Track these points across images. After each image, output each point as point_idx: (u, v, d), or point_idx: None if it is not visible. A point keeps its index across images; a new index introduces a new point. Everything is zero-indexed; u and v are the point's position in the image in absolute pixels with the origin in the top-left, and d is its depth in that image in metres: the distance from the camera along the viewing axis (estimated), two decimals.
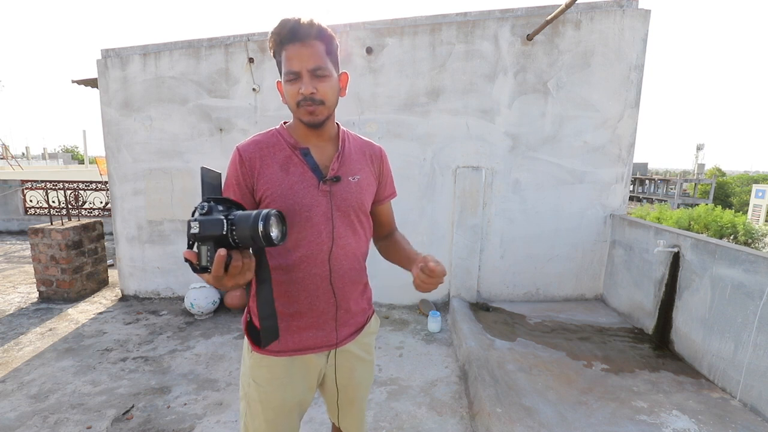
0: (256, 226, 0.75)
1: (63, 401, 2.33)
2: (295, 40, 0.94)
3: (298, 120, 1.03)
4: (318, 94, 0.96)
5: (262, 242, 0.76)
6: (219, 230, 0.75)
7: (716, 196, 43.97)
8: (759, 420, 1.93)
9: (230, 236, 0.76)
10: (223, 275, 0.77)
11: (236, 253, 0.78)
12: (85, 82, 4.41)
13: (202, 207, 0.78)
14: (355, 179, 1.08)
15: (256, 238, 0.75)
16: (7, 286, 4.35)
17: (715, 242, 2.37)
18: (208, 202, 0.79)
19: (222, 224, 0.75)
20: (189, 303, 3.51)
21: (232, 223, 0.76)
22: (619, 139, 3.44)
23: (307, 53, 0.94)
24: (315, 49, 0.95)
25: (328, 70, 0.97)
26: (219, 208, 0.79)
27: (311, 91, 0.95)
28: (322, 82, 0.96)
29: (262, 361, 1.09)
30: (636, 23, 3.27)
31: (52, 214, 4.62)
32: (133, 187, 3.91)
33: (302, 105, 0.97)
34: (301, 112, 0.98)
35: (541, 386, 2.24)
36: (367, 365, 1.22)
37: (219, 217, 0.76)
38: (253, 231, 0.75)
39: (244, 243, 0.77)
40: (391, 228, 1.29)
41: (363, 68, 3.52)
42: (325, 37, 0.96)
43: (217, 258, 0.74)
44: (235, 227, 0.76)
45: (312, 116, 0.99)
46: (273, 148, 1.04)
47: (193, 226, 0.75)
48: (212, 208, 0.78)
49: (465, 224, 3.60)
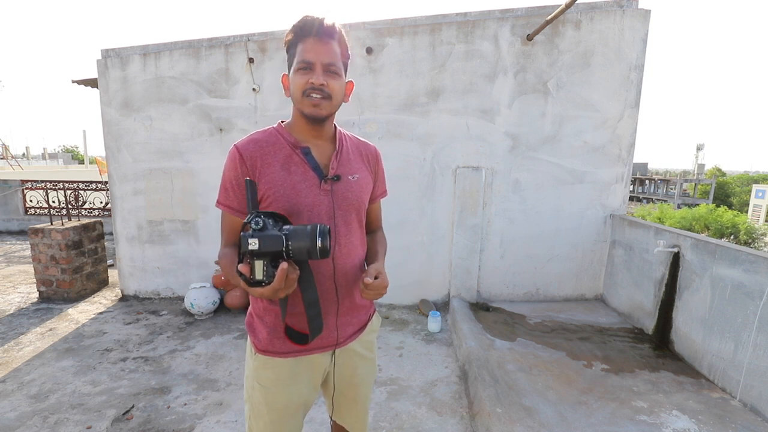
0: (315, 241, 0.79)
1: (63, 401, 2.33)
2: (315, 34, 0.96)
3: (300, 114, 1.03)
4: (328, 88, 0.98)
5: (317, 255, 0.80)
6: (279, 247, 0.79)
7: (716, 196, 43.96)
8: (759, 420, 1.93)
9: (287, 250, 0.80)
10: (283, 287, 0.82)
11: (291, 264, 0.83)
12: (85, 82, 4.41)
13: (256, 222, 0.81)
14: (354, 178, 1.09)
15: (312, 252, 0.80)
16: (7, 286, 4.35)
17: (715, 242, 2.37)
18: (260, 217, 0.82)
19: (282, 241, 0.79)
20: (189, 303, 3.51)
21: (287, 237, 0.80)
22: (619, 139, 3.44)
23: (324, 49, 0.97)
24: (331, 47, 0.98)
25: (339, 69, 1.00)
26: (270, 223, 0.83)
27: (322, 82, 0.96)
28: (332, 79, 0.98)
29: (267, 362, 1.08)
30: (636, 23, 3.27)
31: (52, 214, 4.62)
32: (133, 187, 3.91)
33: (308, 95, 0.97)
34: (306, 103, 0.98)
35: (541, 386, 2.24)
36: (369, 363, 1.23)
37: (278, 234, 0.79)
38: (311, 245, 0.79)
39: (299, 256, 0.81)
40: (377, 225, 1.29)
41: (363, 68, 3.52)
42: (342, 42, 1.01)
43: (280, 272, 0.79)
44: (290, 242, 0.80)
45: (316, 108, 0.99)
46: (273, 146, 1.03)
47: (251, 243, 0.78)
48: (267, 224, 0.81)
49: (465, 224, 3.60)
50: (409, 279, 3.74)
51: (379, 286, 0.99)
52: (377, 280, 1.00)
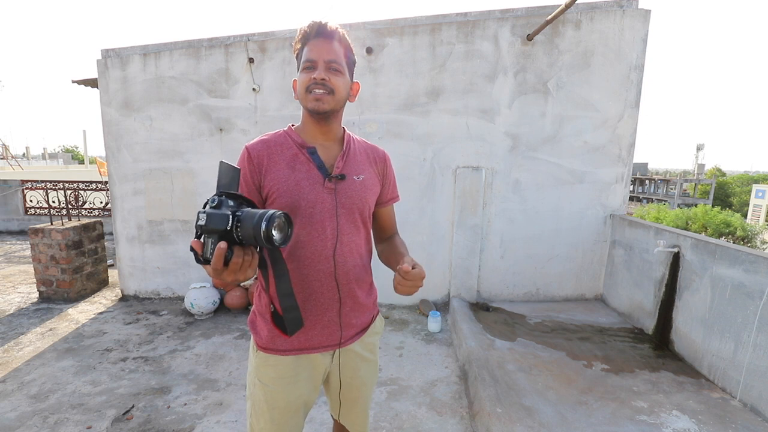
0: (259, 226, 0.75)
1: (63, 401, 2.33)
2: (319, 35, 1.01)
3: (306, 112, 1.06)
4: (329, 82, 1.01)
5: (264, 243, 0.76)
6: (224, 225, 0.76)
7: (716, 196, 43.94)
8: (759, 420, 1.93)
9: (235, 233, 0.77)
10: (223, 269, 0.78)
11: (239, 249, 0.78)
12: (85, 82, 4.41)
13: (212, 200, 0.80)
14: (359, 178, 1.10)
15: (258, 238, 0.76)
16: (7, 286, 4.35)
17: (715, 242, 2.37)
18: (220, 196, 0.80)
19: (227, 219, 0.76)
20: (189, 303, 3.51)
21: (238, 219, 0.77)
22: (619, 139, 3.44)
23: (327, 47, 1.01)
24: (334, 46, 1.02)
25: (342, 67, 1.03)
26: (229, 203, 0.80)
27: (323, 76, 0.99)
28: (334, 75, 1.02)
29: (269, 360, 1.09)
30: (636, 23, 3.27)
31: (52, 214, 4.62)
32: (133, 187, 3.91)
33: (311, 90, 1.00)
34: (309, 98, 1.01)
35: (541, 386, 2.24)
36: (371, 365, 1.23)
37: (226, 212, 0.77)
38: (255, 230, 0.75)
39: (248, 241, 0.78)
40: (392, 231, 1.30)
41: (363, 68, 3.52)
42: (345, 43, 1.05)
43: (216, 251, 0.75)
44: (240, 224, 0.77)
45: (318, 103, 1.01)
46: (281, 146, 1.07)
47: (201, 218, 0.77)
48: (222, 203, 0.79)
49: (465, 224, 3.60)
50: None
51: (417, 276, 0.95)
52: (415, 269, 0.95)
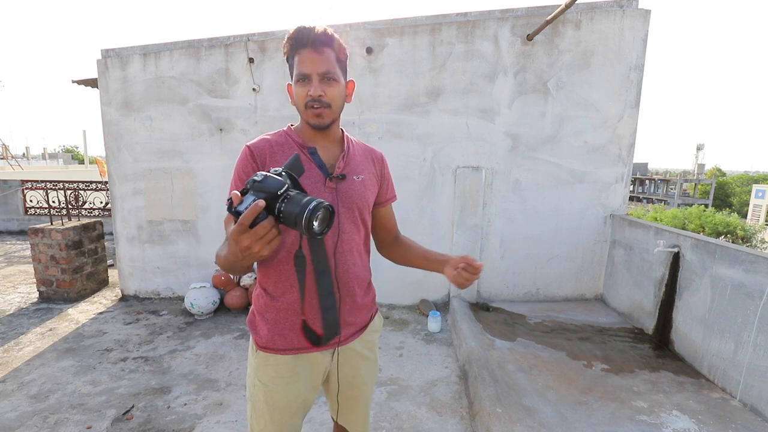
0: (304, 210, 0.74)
1: (63, 401, 2.33)
2: (308, 45, 0.99)
3: (305, 122, 1.07)
4: (326, 97, 1.01)
5: (302, 227, 0.75)
6: (276, 189, 0.76)
7: (716, 196, 43.94)
8: (759, 420, 1.93)
9: (280, 204, 0.77)
10: (246, 230, 0.74)
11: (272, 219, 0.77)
12: (85, 82, 4.41)
13: (275, 170, 0.81)
14: (359, 178, 1.12)
15: (298, 221, 0.75)
16: (7, 286, 4.35)
17: (715, 242, 2.37)
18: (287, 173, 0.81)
19: (282, 185, 0.76)
20: (189, 303, 3.51)
21: (288, 196, 0.77)
22: (619, 139, 3.44)
23: (319, 59, 0.99)
24: (326, 56, 1.00)
25: (336, 76, 1.02)
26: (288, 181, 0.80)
27: (320, 93, 1.00)
28: (330, 87, 1.01)
29: (268, 359, 1.09)
30: (636, 23, 3.27)
31: (52, 214, 4.62)
32: (133, 187, 3.91)
33: (310, 106, 1.01)
34: (309, 113, 1.02)
35: (541, 386, 2.24)
36: (371, 363, 1.23)
37: (282, 180, 0.77)
38: (299, 213, 0.74)
39: (287, 221, 0.77)
40: (395, 231, 1.31)
41: (363, 68, 3.52)
42: (336, 46, 1.03)
43: (253, 206, 0.73)
44: (287, 200, 0.76)
45: (318, 119, 1.03)
46: (282, 146, 1.08)
47: (258, 175, 0.77)
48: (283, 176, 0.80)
49: (465, 224, 3.60)
50: (409, 279, 3.74)
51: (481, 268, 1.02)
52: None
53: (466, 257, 1.03)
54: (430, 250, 1.22)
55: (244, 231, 0.75)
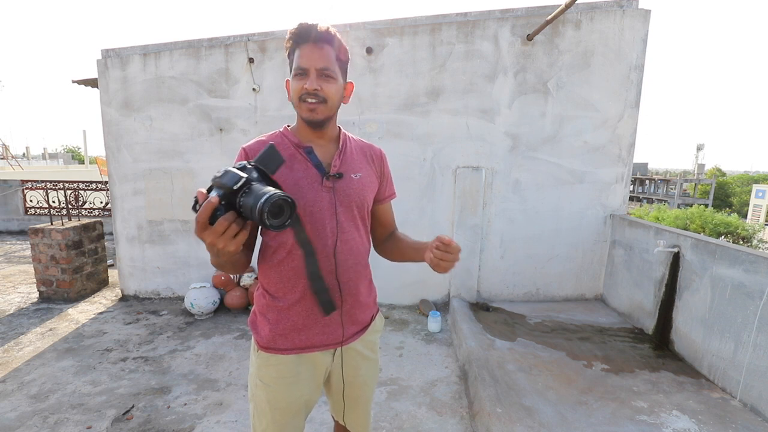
0: (258, 201, 0.73)
1: (63, 401, 2.33)
2: (309, 41, 0.99)
3: (300, 117, 1.06)
4: (321, 92, 1.00)
5: (257, 219, 0.74)
6: (232, 183, 0.75)
7: (716, 196, 43.92)
8: (759, 420, 1.93)
9: (239, 198, 0.76)
10: (206, 225, 0.75)
11: (232, 213, 0.76)
12: (86, 82, 4.41)
13: (241, 164, 0.79)
14: (357, 176, 1.11)
15: (253, 212, 0.73)
16: (7, 286, 4.35)
17: (715, 242, 2.37)
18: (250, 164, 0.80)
19: (238, 180, 0.75)
20: (189, 303, 3.51)
21: (249, 187, 0.76)
22: (619, 139, 3.44)
23: (318, 54, 0.99)
24: (325, 52, 1.00)
25: (334, 73, 1.02)
26: (253, 174, 0.79)
27: (315, 87, 0.99)
28: (327, 83, 1.01)
29: (269, 360, 1.09)
30: (636, 23, 3.27)
31: (52, 214, 4.62)
32: (133, 187, 3.91)
33: (304, 100, 1.00)
34: (303, 107, 1.02)
35: (541, 386, 2.24)
36: (371, 363, 1.23)
37: (242, 174, 0.76)
38: (253, 203, 0.73)
39: (246, 213, 0.76)
40: (392, 228, 1.31)
41: (363, 68, 3.52)
42: (337, 44, 1.02)
43: (206, 203, 0.73)
44: (247, 192, 0.76)
45: (312, 113, 1.02)
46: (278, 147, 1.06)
47: (219, 170, 0.76)
48: (246, 169, 0.78)
49: (465, 224, 3.60)
50: (409, 279, 3.74)
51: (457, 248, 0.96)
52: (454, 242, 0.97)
53: (440, 237, 0.98)
54: (419, 241, 1.19)
55: (204, 228, 0.75)
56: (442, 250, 0.96)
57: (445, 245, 0.96)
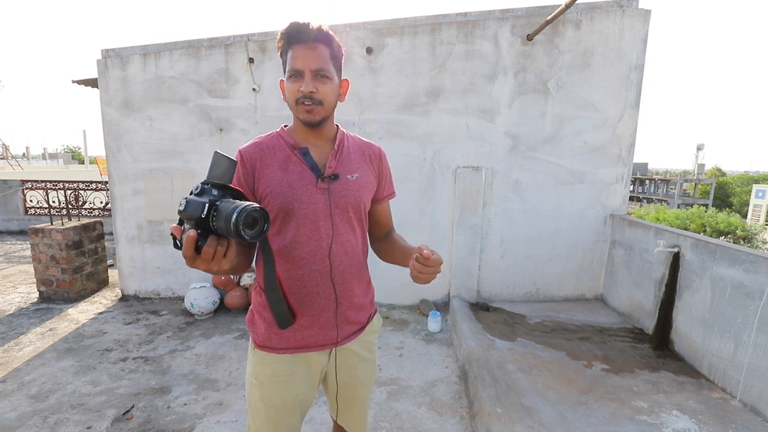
0: (230, 218, 0.74)
1: (63, 401, 2.33)
2: (302, 41, 0.97)
3: (297, 118, 1.05)
4: (318, 94, 0.99)
5: (234, 235, 0.75)
6: (199, 213, 0.75)
7: (716, 196, 43.91)
8: (759, 420, 1.93)
9: (211, 221, 0.77)
10: (195, 257, 0.77)
11: (213, 239, 0.77)
12: (86, 82, 4.41)
13: (197, 187, 0.79)
14: (353, 177, 1.09)
15: (229, 230, 0.75)
16: (7, 286, 4.35)
17: (716, 242, 2.37)
18: (205, 185, 0.80)
19: (203, 208, 0.76)
20: (189, 303, 3.51)
21: (216, 209, 0.77)
22: (619, 139, 3.44)
23: (312, 55, 0.97)
24: (319, 52, 0.98)
25: (329, 73, 1.00)
26: (213, 193, 0.79)
27: (311, 89, 0.98)
28: (322, 83, 0.99)
29: (265, 358, 1.10)
30: (636, 23, 3.27)
31: (52, 214, 4.62)
32: (133, 187, 3.91)
33: (301, 102, 0.99)
34: (300, 109, 1.01)
35: (541, 386, 2.24)
36: (369, 364, 1.22)
37: (204, 200, 0.76)
38: (227, 222, 0.75)
39: (222, 232, 0.77)
40: (389, 228, 1.29)
41: (363, 68, 3.52)
42: (330, 41, 1.00)
43: (186, 239, 0.75)
44: (216, 214, 0.76)
45: (309, 115, 1.01)
46: (273, 149, 1.06)
47: (181, 203, 0.77)
48: (205, 191, 0.79)
49: (465, 224, 3.60)
50: (409, 279, 3.68)
51: (437, 262, 0.94)
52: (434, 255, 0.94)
53: (420, 247, 0.96)
54: (409, 245, 1.16)
55: (193, 260, 0.77)
56: (420, 263, 0.94)
57: (425, 259, 0.93)
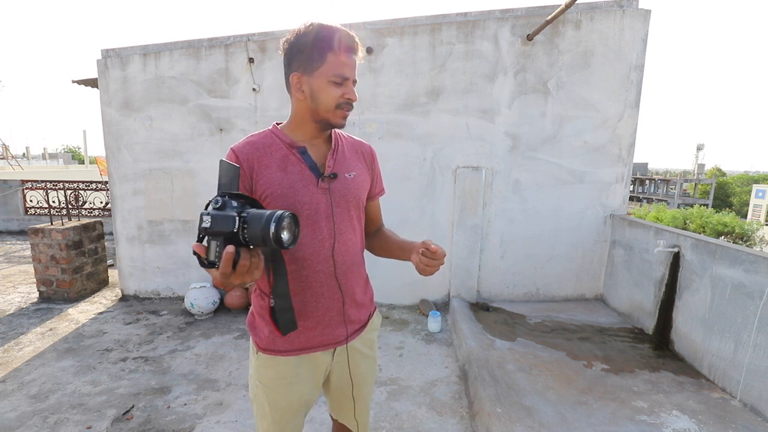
0: (268, 227, 0.73)
1: (63, 401, 2.33)
2: (350, 50, 1.01)
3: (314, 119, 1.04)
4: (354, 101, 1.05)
5: (273, 244, 0.74)
6: (230, 227, 0.74)
7: (716, 196, 43.92)
8: (759, 420, 1.93)
9: (241, 234, 0.75)
10: (231, 273, 0.76)
11: (245, 251, 0.77)
12: (86, 82, 4.41)
13: (216, 201, 0.77)
14: (351, 175, 1.10)
15: (266, 240, 0.74)
16: (7, 286, 4.35)
17: (716, 242, 2.37)
18: (223, 197, 0.78)
19: (234, 221, 0.74)
20: (189, 303, 3.51)
21: (244, 221, 0.75)
22: (619, 139, 3.44)
23: (354, 64, 1.03)
24: (356, 62, 1.04)
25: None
26: (233, 204, 0.78)
27: (356, 98, 1.03)
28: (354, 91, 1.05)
29: (269, 361, 1.09)
30: (636, 23, 3.27)
31: (52, 214, 4.62)
32: (133, 187, 3.91)
33: (342, 108, 1.02)
34: (338, 114, 1.03)
35: (541, 386, 2.24)
36: (370, 361, 1.23)
37: (232, 214, 0.75)
38: (264, 232, 0.74)
39: (255, 242, 0.76)
40: (379, 223, 1.30)
41: (363, 68, 3.51)
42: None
43: (225, 256, 0.73)
44: (246, 226, 0.75)
45: (344, 120, 1.05)
46: (269, 148, 1.05)
47: (205, 220, 0.75)
48: (226, 204, 0.77)
49: (465, 224, 3.60)
50: (409, 279, 3.74)
51: (442, 254, 0.98)
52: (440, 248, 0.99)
53: (426, 242, 1.00)
54: (406, 240, 1.18)
55: (229, 276, 0.77)
56: (428, 257, 0.98)
57: (432, 253, 0.98)
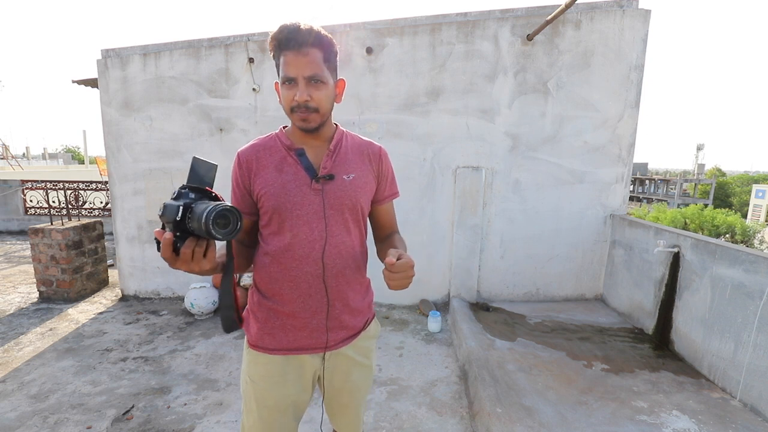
0: (202, 218, 0.78)
1: (63, 401, 2.33)
2: (293, 46, 0.94)
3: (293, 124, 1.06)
4: (312, 102, 0.97)
5: (206, 234, 0.79)
6: (174, 215, 0.79)
7: (716, 196, 43.92)
8: (759, 420, 1.93)
9: (187, 224, 0.81)
10: (174, 258, 0.81)
11: (191, 240, 0.82)
12: (86, 82, 4.41)
13: (174, 192, 0.84)
14: (349, 177, 1.07)
15: (201, 230, 0.79)
16: (7, 286, 4.35)
17: (716, 242, 2.37)
18: (182, 189, 0.84)
19: (177, 211, 0.80)
20: (189, 303, 3.51)
21: (190, 211, 0.80)
22: (619, 139, 3.44)
23: (304, 61, 0.94)
24: (312, 57, 0.95)
25: (324, 78, 0.97)
26: (190, 196, 0.83)
27: (305, 98, 0.96)
28: (317, 90, 0.97)
29: (258, 358, 1.10)
30: (636, 23, 3.27)
31: (52, 214, 4.62)
32: (133, 187, 3.91)
33: (296, 111, 0.99)
34: (295, 117, 1.01)
35: (541, 386, 2.24)
36: (364, 370, 1.19)
37: (179, 203, 0.80)
38: (199, 222, 0.79)
39: (198, 232, 0.81)
40: (392, 229, 1.24)
41: (363, 68, 3.52)
42: (323, 44, 0.96)
43: (163, 241, 0.79)
44: (191, 216, 0.80)
45: (305, 123, 1.01)
46: (270, 150, 1.07)
47: (160, 208, 0.81)
48: (182, 195, 0.83)
49: (465, 224, 3.60)
50: None
51: (403, 266, 0.89)
52: (401, 260, 0.90)
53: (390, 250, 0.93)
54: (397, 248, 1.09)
55: (174, 261, 0.82)
56: (389, 270, 0.91)
57: (389, 265, 0.90)
